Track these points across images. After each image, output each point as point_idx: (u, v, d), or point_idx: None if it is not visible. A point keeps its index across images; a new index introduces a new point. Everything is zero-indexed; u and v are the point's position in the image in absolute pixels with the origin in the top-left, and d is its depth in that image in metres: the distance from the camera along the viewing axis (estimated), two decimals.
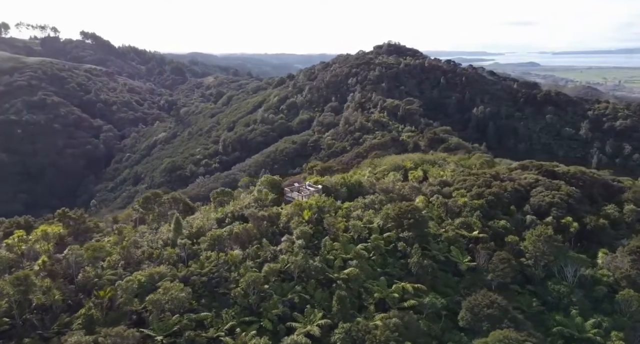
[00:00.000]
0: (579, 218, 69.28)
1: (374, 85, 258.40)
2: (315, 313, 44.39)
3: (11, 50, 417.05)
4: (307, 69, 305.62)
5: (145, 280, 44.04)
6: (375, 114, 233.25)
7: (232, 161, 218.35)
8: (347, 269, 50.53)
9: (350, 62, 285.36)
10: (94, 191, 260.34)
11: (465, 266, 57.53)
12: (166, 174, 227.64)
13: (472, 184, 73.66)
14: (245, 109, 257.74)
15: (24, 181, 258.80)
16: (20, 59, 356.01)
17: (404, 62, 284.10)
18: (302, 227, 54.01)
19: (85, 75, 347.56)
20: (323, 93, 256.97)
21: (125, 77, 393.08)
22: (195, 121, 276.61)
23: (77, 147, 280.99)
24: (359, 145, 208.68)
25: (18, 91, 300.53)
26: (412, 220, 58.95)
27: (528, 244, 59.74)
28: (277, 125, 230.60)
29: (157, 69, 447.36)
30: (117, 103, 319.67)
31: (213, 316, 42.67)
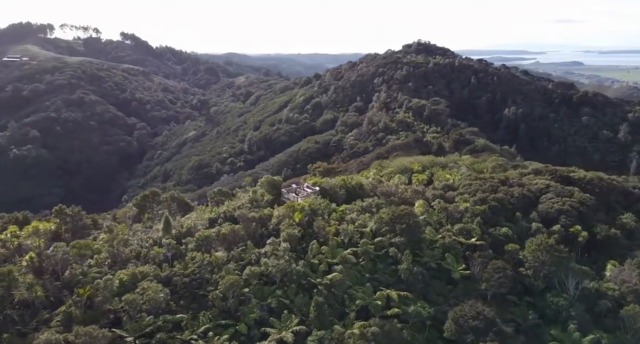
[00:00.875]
0: (589, 227, 65.82)
1: (400, 85, 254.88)
2: (292, 318, 44.00)
3: (55, 50, 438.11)
4: (333, 68, 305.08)
5: (127, 279, 44.89)
6: (400, 114, 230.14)
7: (257, 160, 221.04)
8: (330, 275, 49.81)
9: (377, 62, 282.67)
10: (126, 186, 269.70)
11: (458, 274, 55.68)
12: (193, 171, 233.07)
13: (476, 189, 71.25)
14: (271, 109, 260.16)
15: (62, 176, 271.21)
16: (63, 59, 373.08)
17: (433, 62, 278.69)
18: (289, 230, 53.70)
19: (122, 75, 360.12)
20: (348, 93, 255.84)
21: (160, 77, 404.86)
22: (224, 120, 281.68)
23: (111, 144, 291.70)
24: (381, 145, 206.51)
25: (58, 90, 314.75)
26: (404, 225, 57.58)
27: (527, 254, 57.17)
28: (301, 125, 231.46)
29: (192, 69, 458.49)
30: (151, 102, 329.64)
31: (189, 318, 42.90)
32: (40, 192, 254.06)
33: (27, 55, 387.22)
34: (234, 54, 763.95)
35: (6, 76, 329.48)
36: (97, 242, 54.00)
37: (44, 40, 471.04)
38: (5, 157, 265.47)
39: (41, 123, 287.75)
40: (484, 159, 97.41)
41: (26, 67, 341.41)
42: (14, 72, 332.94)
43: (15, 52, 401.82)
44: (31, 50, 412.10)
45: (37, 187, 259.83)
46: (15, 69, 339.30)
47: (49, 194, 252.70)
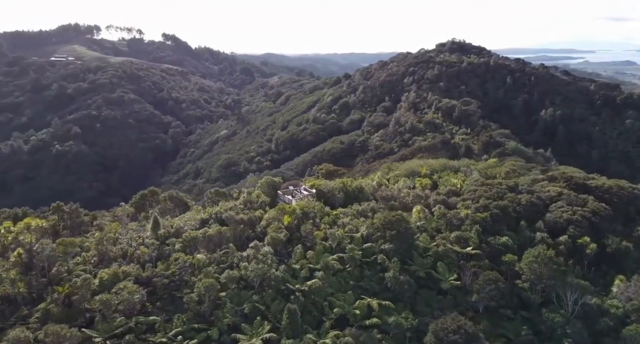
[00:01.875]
0: (600, 239, 61.90)
1: (431, 84, 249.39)
2: (264, 325, 43.57)
3: (101, 50, 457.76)
4: (363, 68, 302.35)
5: (108, 278, 45.83)
6: (429, 114, 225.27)
7: (283, 159, 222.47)
8: (310, 281, 49.08)
9: (408, 61, 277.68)
10: (160, 182, 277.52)
11: (448, 284, 53.60)
12: (222, 169, 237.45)
13: (480, 195, 68.46)
14: (300, 109, 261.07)
15: (100, 171, 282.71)
16: (106, 59, 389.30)
17: (467, 61, 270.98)
18: (274, 234, 53.34)
19: (161, 75, 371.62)
20: (377, 93, 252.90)
21: (198, 77, 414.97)
22: (254, 119, 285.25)
23: (147, 142, 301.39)
24: (407, 147, 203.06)
25: (100, 88, 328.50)
26: (394, 231, 56.06)
27: (523, 266, 54.33)
28: (328, 125, 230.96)
29: (228, 70, 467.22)
30: (186, 101, 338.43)
31: (162, 320, 43.11)
32: (80, 187, 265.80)
33: (74, 55, 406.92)
34: (272, 55, 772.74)
35: (53, 75, 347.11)
36: (88, 240, 55.57)
37: (90, 40, 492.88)
38: (49, 152, 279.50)
39: (82, 120, 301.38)
40: (497, 163, 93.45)
41: (71, 66, 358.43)
42: (60, 71, 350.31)
43: (63, 52, 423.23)
44: (78, 51, 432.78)
45: (78, 181, 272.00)
46: (61, 68, 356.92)
47: (89, 189, 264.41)
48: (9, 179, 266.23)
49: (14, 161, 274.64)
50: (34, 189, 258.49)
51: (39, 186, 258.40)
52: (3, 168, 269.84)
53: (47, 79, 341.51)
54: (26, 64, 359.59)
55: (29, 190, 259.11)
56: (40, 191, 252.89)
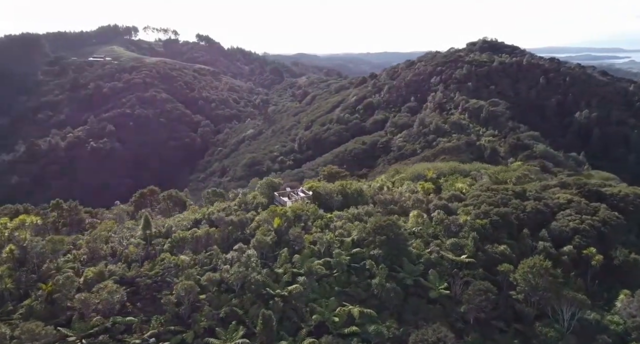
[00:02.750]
0: (608, 250, 58.47)
1: (458, 84, 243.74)
2: (239, 330, 43.22)
3: (138, 51, 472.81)
4: (390, 67, 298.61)
5: (93, 277, 46.80)
6: (455, 115, 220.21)
7: (305, 159, 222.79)
8: (291, 286, 48.51)
9: (436, 61, 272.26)
10: (188, 180, 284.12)
11: (437, 293, 51.86)
12: (246, 168, 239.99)
13: (483, 201, 66.02)
14: (324, 109, 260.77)
15: (132, 168, 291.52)
16: (141, 59, 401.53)
17: (497, 60, 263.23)
18: (259, 236, 53.11)
19: (193, 75, 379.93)
20: (402, 93, 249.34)
21: (229, 77, 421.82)
22: (280, 119, 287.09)
23: (177, 140, 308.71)
24: (431, 148, 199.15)
25: (134, 88, 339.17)
26: (384, 237, 54.80)
27: (518, 276, 51.90)
28: (351, 125, 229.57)
29: (259, 70, 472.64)
30: (216, 101, 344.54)
31: (139, 321, 43.37)
32: (112, 183, 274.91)
33: (112, 55, 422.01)
34: (304, 55, 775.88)
35: (90, 74, 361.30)
36: (83, 238, 57.06)
37: (128, 41, 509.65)
38: (84, 149, 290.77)
39: (117, 119, 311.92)
40: (507, 167, 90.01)
41: (108, 66, 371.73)
42: (97, 71, 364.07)
43: (102, 52, 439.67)
44: (116, 51, 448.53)
45: (111, 177, 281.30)
46: (99, 68, 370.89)
47: (120, 184, 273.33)
48: (46, 174, 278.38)
49: (51, 157, 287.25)
50: (70, 184, 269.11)
51: (74, 182, 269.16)
52: (42, 164, 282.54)
53: (85, 79, 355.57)
54: (66, 64, 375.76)
55: (65, 185, 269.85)
56: (75, 187, 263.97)
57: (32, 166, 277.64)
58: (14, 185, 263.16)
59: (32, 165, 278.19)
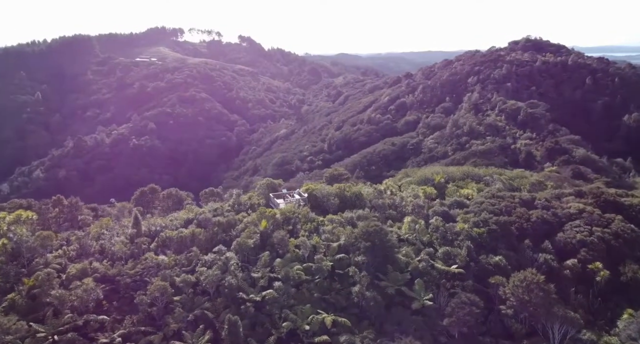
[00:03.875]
0: (618, 265, 54.05)
1: (497, 85, 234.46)
2: (205, 334, 43.05)
3: (183, 52, 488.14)
4: (426, 67, 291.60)
5: (75, 273, 48.04)
6: (491, 116, 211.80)
7: (334, 159, 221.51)
8: (265, 291, 47.88)
9: (475, 60, 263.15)
10: (223, 177, 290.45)
11: (419, 304, 49.73)
12: (276, 167, 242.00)
13: (484, 208, 62.79)
14: (356, 109, 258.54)
15: (170, 164, 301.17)
16: (184, 60, 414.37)
17: (540, 60, 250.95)
18: (241, 239, 52.84)
19: (232, 75, 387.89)
20: (437, 93, 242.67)
21: (267, 77, 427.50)
22: (312, 119, 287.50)
23: (214, 138, 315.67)
24: (463, 150, 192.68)
25: (175, 87, 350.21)
26: (369, 243, 53.20)
27: (508, 290, 48.86)
28: (382, 125, 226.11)
29: (297, 70, 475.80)
30: (252, 100, 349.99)
31: (111, 320, 44.14)
32: (152, 178, 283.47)
33: (158, 56, 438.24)
34: (345, 55, 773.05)
35: (136, 74, 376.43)
36: (76, 234, 58.77)
37: (174, 42, 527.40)
38: (127, 146, 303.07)
39: (158, 117, 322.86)
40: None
41: (152, 67, 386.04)
42: (143, 71, 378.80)
43: (150, 53, 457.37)
44: (162, 52, 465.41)
45: (150, 173, 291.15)
46: (144, 68, 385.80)
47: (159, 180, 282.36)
48: (91, 169, 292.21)
49: (97, 153, 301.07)
50: (113, 179, 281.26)
51: (116, 177, 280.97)
52: (87, 159, 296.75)
53: (131, 78, 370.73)
54: (114, 64, 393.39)
55: (108, 180, 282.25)
56: (117, 181, 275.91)
57: (79, 160, 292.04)
58: (61, 179, 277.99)
59: (78, 160, 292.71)
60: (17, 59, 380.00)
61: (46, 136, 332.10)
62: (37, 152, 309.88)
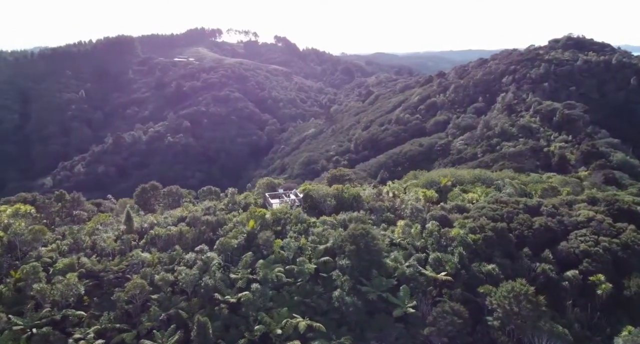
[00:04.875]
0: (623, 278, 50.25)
1: (533, 84, 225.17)
2: (175, 334, 42.70)
3: (221, 52, 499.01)
4: (460, 66, 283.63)
5: (61, 268, 49.24)
6: (526, 118, 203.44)
7: (360, 160, 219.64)
8: (242, 293, 47.40)
9: (511, 58, 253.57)
10: (252, 175, 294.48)
11: (400, 311, 47.89)
12: (303, 167, 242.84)
13: (484, 214, 59.93)
14: (385, 109, 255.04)
15: (203, 162, 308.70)
16: (221, 60, 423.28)
17: (582, 59, 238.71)
18: (224, 239, 52.67)
19: (265, 75, 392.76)
20: (469, 92, 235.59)
21: (300, 77, 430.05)
22: (341, 118, 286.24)
23: (245, 137, 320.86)
24: (493, 152, 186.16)
25: (210, 87, 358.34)
26: (353, 246, 51.83)
27: (494, 300, 46.29)
28: (410, 126, 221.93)
29: (330, 70, 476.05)
30: (283, 100, 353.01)
31: (89, 316, 44.45)
32: (185, 175, 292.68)
33: (196, 56, 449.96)
34: (382, 54, 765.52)
35: (174, 74, 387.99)
36: (73, 228, 60.41)
37: (212, 43, 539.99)
38: (162, 143, 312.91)
39: (193, 115, 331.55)
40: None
41: (189, 66, 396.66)
42: (180, 71, 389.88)
43: (189, 53, 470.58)
44: (201, 52, 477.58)
45: (183, 170, 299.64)
46: (181, 68, 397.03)
47: (191, 177, 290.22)
48: (128, 165, 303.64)
49: (134, 150, 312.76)
50: (148, 175, 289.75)
51: (151, 173, 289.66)
52: (125, 155, 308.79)
53: (169, 78, 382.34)
54: (153, 64, 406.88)
55: (143, 176, 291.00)
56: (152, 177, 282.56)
57: (117, 157, 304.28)
58: (100, 174, 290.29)
59: (116, 156, 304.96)
60: (64, 59, 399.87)
61: (88, 132, 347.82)
62: (80, 148, 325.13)
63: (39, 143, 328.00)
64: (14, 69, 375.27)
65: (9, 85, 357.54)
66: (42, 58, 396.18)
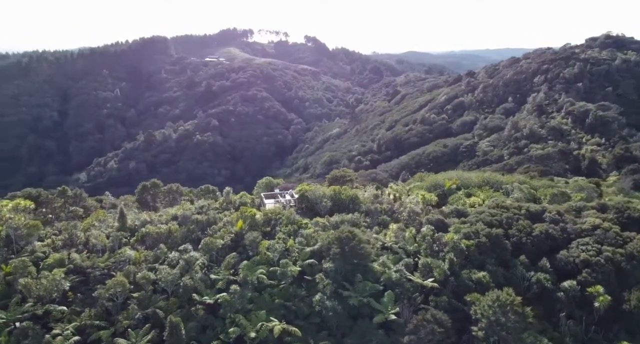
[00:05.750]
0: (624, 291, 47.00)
1: (566, 84, 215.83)
2: (148, 334, 42.61)
3: (251, 52, 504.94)
4: (490, 65, 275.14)
5: (51, 263, 50.13)
6: (557, 119, 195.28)
7: (383, 160, 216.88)
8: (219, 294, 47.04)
9: (544, 58, 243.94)
10: (276, 174, 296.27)
11: (381, 318, 46.44)
12: (325, 166, 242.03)
13: (481, 219, 57.45)
14: (411, 108, 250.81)
15: (229, 160, 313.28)
16: (252, 60, 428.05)
17: (620, 58, 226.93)
18: (209, 239, 52.47)
19: (293, 75, 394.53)
20: (499, 92, 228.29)
21: (328, 76, 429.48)
22: (366, 118, 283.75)
23: (271, 136, 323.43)
24: (520, 155, 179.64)
25: (239, 86, 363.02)
26: (338, 250, 50.70)
27: (478, 309, 44.14)
28: (436, 126, 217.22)
29: (359, 69, 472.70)
30: (310, 100, 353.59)
31: (69, 312, 44.91)
32: (211, 172, 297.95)
33: (227, 56, 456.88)
34: (415, 53, 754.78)
35: (204, 74, 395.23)
36: (66, 224, 61.48)
37: (244, 43, 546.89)
38: (191, 141, 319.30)
39: (221, 114, 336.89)
40: (555, 183, 76.85)
41: (219, 66, 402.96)
42: (210, 71, 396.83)
43: (220, 53, 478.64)
44: (232, 53, 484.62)
45: (210, 168, 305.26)
46: (212, 67, 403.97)
47: (218, 175, 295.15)
48: (158, 162, 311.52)
49: (164, 147, 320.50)
50: (176, 172, 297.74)
51: (179, 170, 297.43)
52: (155, 152, 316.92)
53: (199, 77, 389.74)
54: (185, 64, 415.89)
55: (172, 172, 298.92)
56: (180, 174, 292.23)
57: (147, 153, 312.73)
58: (131, 170, 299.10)
59: (147, 153, 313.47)
60: (102, 58, 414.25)
61: (122, 129, 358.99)
62: (113, 145, 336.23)
63: (76, 139, 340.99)
64: (55, 69, 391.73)
65: (50, 84, 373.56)
66: (81, 58, 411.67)
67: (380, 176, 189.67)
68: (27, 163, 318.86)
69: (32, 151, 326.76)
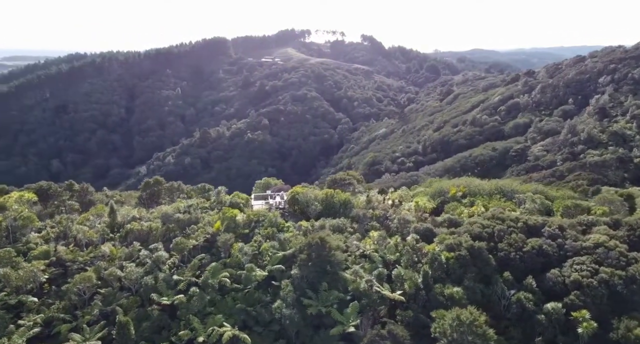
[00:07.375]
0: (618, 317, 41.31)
1: (635, 86, 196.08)
2: (98, 331, 43.35)
3: (308, 52, 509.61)
4: (552, 64, 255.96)
5: (37, 254, 52.14)
6: (620, 123, 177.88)
7: (427, 162, 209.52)
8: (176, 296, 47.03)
9: (612, 56, 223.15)
10: (320, 173, 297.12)
11: (337, 330, 44.19)
12: (367, 167, 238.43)
13: (470, 230, 53.05)
14: (462, 109, 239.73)
15: (277, 158, 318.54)
16: (305, 60, 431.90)
17: None
18: (180, 239, 52.66)
19: (344, 74, 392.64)
20: (558, 93, 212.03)
21: (381, 76, 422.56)
22: (415, 118, 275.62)
23: (317, 136, 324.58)
24: (575, 161, 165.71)
25: (290, 86, 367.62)
26: (305, 256, 49.01)
27: (437, 328, 40.62)
28: (487, 128, 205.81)
29: (415, 68, 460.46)
30: (358, 99, 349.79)
31: (40, 303, 46.57)
32: (259, 170, 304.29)
33: (283, 57, 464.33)
34: (480, 50, 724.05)
35: (259, 74, 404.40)
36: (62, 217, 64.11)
37: (301, 43, 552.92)
38: (242, 139, 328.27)
39: (271, 114, 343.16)
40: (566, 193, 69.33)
41: (274, 67, 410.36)
42: (265, 71, 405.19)
43: (278, 54, 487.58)
44: (289, 53, 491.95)
45: (258, 165, 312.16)
46: (267, 68, 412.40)
47: (264, 172, 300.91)
48: (212, 158, 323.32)
49: (218, 144, 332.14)
50: (227, 168, 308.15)
51: (230, 166, 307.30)
52: (209, 149, 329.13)
53: (254, 77, 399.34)
54: (242, 64, 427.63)
55: (224, 169, 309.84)
56: (231, 170, 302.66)
57: (202, 150, 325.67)
58: (186, 165, 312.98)
59: (202, 149, 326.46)
60: (166, 59, 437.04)
61: (181, 126, 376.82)
62: (172, 141, 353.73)
63: (139, 135, 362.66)
64: (124, 69, 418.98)
65: (119, 82, 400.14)
66: (147, 58, 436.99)
67: (421, 179, 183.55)
68: (95, 156, 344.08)
69: (100, 144, 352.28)
